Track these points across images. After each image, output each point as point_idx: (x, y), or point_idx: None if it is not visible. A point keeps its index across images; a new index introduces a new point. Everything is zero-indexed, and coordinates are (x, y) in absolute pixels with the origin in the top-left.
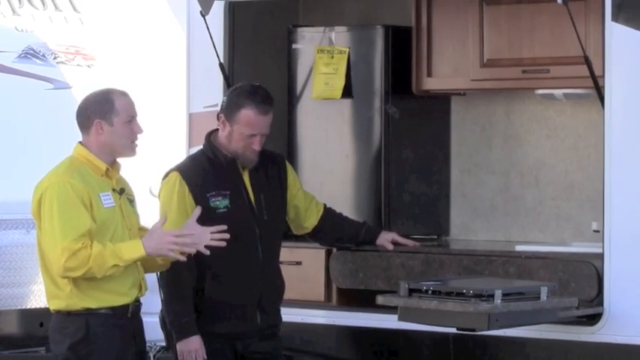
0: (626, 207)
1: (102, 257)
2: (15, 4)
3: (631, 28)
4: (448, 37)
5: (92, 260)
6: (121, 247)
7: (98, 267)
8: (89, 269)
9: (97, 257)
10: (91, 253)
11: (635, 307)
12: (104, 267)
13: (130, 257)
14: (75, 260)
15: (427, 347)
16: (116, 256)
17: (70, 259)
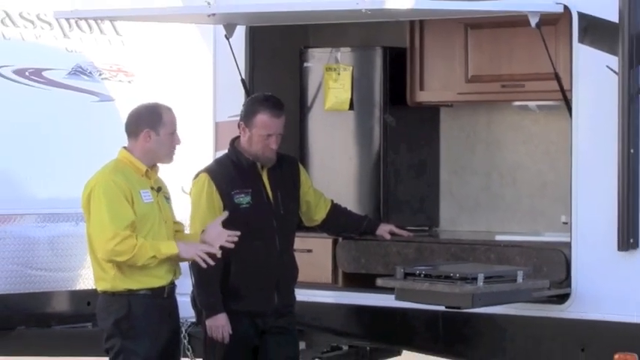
0: (590, 203)
1: (144, 248)
2: (65, 28)
3: (595, 48)
4: (438, 57)
5: (137, 249)
6: (160, 244)
7: (140, 256)
8: (133, 256)
9: (141, 247)
10: (137, 243)
11: (598, 289)
12: (144, 257)
13: (166, 253)
14: (124, 245)
15: (420, 323)
16: (156, 250)
17: (120, 243)
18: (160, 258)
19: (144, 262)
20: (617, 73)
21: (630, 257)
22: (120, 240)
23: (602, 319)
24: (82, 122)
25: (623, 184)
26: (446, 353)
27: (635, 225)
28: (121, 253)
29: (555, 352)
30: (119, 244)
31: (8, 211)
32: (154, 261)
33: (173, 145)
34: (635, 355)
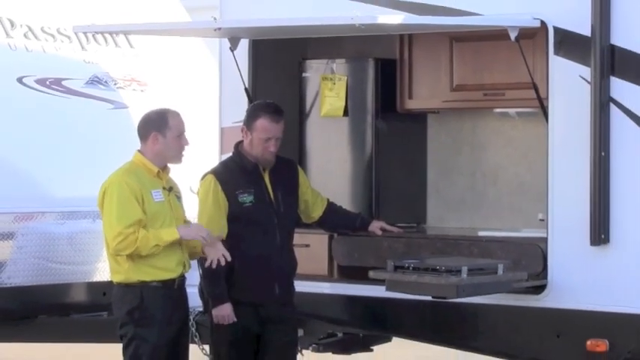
0: (565, 201)
1: (146, 239)
2: (83, 41)
3: (569, 60)
4: (425, 67)
5: (139, 241)
6: (161, 232)
7: (143, 246)
8: (135, 249)
9: (143, 239)
10: (137, 236)
11: (572, 280)
12: (148, 246)
13: (167, 239)
14: (125, 243)
15: (409, 312)
16: (157, 238)
17: (122, 242)
18: (163, 245)
19: (148, 252)
20: (590, 82)
21: (601, 251)
22: (122, 239)
23: (575, 308)
24: (98, 128)
25: (595, 185)
26: (432, 340)
27: (606, 222)
28: (124, 249)
29: (533, 338)
30: (121, 243)
31: (31, 210)
32: (158, 249)
33: (181, 146)
34: (605, 341)
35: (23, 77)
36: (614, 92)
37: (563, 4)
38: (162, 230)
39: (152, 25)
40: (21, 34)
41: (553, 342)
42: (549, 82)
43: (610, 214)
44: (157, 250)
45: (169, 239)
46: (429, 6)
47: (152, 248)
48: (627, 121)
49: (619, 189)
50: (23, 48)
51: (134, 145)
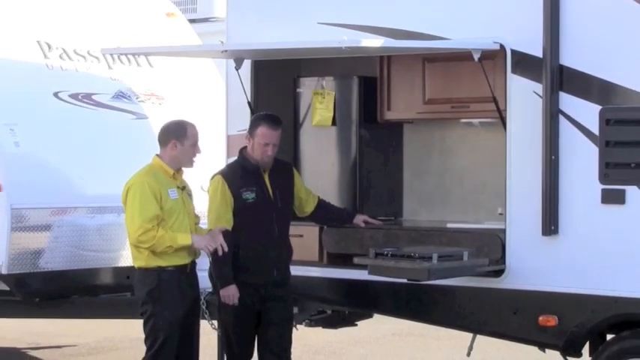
0: (521, 198)
1: (162, 239)
2: (110, 61)
3: (524, 78)
4: (401, 84)
5: (156, 239)
6: (177, 236)
7: (158, 245)
8: (152, 245)
9: (160, 238)
10: (156, 234)
11: (526, 265)
12: (162, 246)
13: (181, 243)
14: (145, 236)
15: (388, 293)
16: (172, 240)
17: (143, 234)
18: (176, 247)
19: (162, 250)
20: (542, 97)
21: (552, 241)
22: (143, 232)
23: (529, 289)
24: (122, 135)
25: (546, 184)
26: (408, 316)
27: (556, 215)
28: (143, 242)
29: (493, 314)
30: (142, 235)
31: (65, 205)
32: (170, 249)
33: (194, 154)
34: (555, 317)
35: (59, 92)
36: (563, 105)
37: (519, 30)
38: (179, 235)
39: (169, 47)
40: (57, 55)
41: (510, 318)
42: (507, 96)
43: (559, 209)
44: (170, 251)
45: (182, 244)
46: (405, 31)
47: (166, 248)
48: (574, 129)
49: (567, 187)
50: (59, 67)
51: (153, 150)
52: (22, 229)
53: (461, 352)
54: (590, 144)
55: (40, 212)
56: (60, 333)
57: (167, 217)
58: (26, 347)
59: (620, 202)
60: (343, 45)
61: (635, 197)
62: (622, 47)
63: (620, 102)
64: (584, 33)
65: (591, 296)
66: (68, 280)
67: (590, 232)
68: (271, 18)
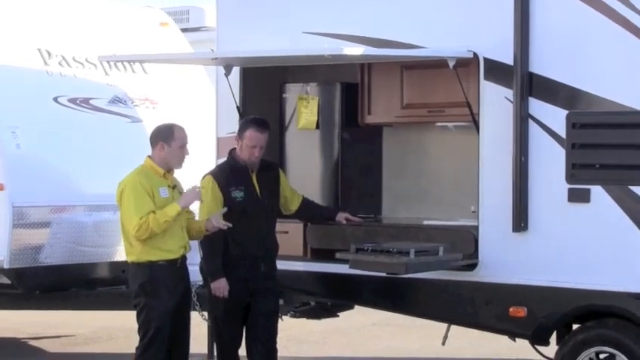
0: (492, 197)
1: (156, 220)
2: (107, 67)
3: (496, 84)
4: (381, 89)
5: (151, 224)
6: (165, 210)
7: (156, 227)
8: (151, 231)
9: (153, 221)
10: (148, 221)
11: (498, 259)
12: (159, 225)
13: (172, 213)
14: (141, 231)
15: (368, 285)
16: (164, 215)
17: (139, 231)
18: (171, 219)
19: (162, 228)
20: (512, 102)
21: (521, 236)
22: (138, 228)
23: (500, 282)
24: (118, 138)
25: (517, 183)
26: (386, 307)
27: (525, 213)
28: (142, 235)
29: (467, 305)
30: (139, 231)
31: (63, 203)
32: (169, 224)
33: (182, 155)
34: (524, 308)
35: (58, 97)
36: (532, 110)
37: (492, 39)
38: (166, 208)
39: (162, 55)
40: (56, 62)
41: (483, 309)
42: (480, 101)
43: (528, 207)
44: (169, 225)
45: (173, 213)
46: (384, 40)
47: (163, 224)
48: (542, 132)
49: (535, 187)
50: (58, 73)
51: (147, 151)
52: (23, 226)
53: (436, 341)
54: (557, 146)
55: (40, 210)
56: (59, 324)
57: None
58: (26, 337)
59: (586, 201)
60: (326, 53)
61: (599, 196)
62: (587, 55)
63: (585, 107)
64: (552, 42)
65: (558, 289)
66: (67, 273)
67: (557, 229)
68: (259, 27)
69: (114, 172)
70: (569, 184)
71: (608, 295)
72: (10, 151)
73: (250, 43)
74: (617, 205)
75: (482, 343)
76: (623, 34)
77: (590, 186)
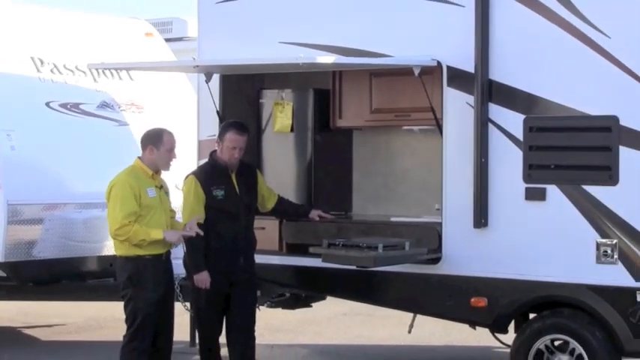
0: (455, 195)
1: (137, 233)
2: (95, 75)
3: (458, 90)
4: (351, 95)
5: (131, 233)
6: (151, 231)
7: (133, 238)
8: (127, 238)
9: (134, 232)
10: (132, 229)
11: (460, 254)
12: (136, 239)
13: (154, 237)
14: (122, 230)
15: (339, 278)
16: (146, 234)
17: (120, 229)
18: (149, 241)
19: (136, 243)
20: (473, 107)
21: (482, 232)
22: (120, 226)
23: (462, 275)
24: (106, 140)
25: (477, 183)
26: (356, 298)
27: (485, 210)
28: (120, 235)
29: (431, 297)
30: (119, 229)
31: (55, 201)
32: (144, 242)
33: (170, 158)
34: (485, 299)
35: (50, 102)
36: (492, 114)
37: (454, 49)
38: (152, 230)
39: (147, 63)
40: (48, 69)
41: (446, 300)
42: (443, 106)
43: (488, 205)
44: (143, 244)
45: (155, 238)
46: (355, 49)
47: (140, 241)
48: (501, 135)
49: (495, 186)
50: (50, 80)
51: (133, 153)
52: (17, 223)
53: (403, 330)
54: (515, 148)
55: (34, 207)
56: (51, 313)
57: (145, 213)
58: (21, 326)
59: (541, 199)
60: (300, 61)
61: (554, 194)
62: (542, 63)
63: (541, 112)
64: (510, 51)
65: (516, 281)
66: (58, 267)
67: (515, 225)
68: (237, 37)
69: (102, 172)
70: (526, 184)
71: (563, 287)
72: (6, 152)
73: (229, 52)
74: (571, 203)
75: (445, 331)
76: (575, 44)
77: (545, 185)
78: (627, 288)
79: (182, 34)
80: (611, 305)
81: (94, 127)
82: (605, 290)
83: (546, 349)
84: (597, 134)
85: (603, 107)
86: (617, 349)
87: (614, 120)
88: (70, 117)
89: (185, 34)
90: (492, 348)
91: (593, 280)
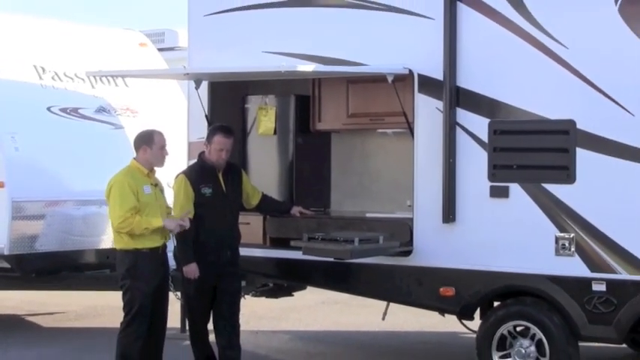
0: (425, 193)
1: (139, 223)
2: (93, 81)
3: (428, 96)
4: (329, 101)
5: (134, 224)
6: (151, 220)
7: (136, 228)
8: (131, 229)
9: (137, 223)
10: (133, 220)
11: (430, 247)
12: (139, 229)
13: (154, 226)
14: (124, 223)
15: (318, 269)
16: (147, 223)
17: (122, 223)
18: (151, 229)
19: (139, 232)
20: (442, 111)
21: (450, 227)
22: (122, 220)
23: (432, 266)
24: (103, 142)
25: (446, 181)
26: (334, 288)
27: (453, 207)
28: (123, 228)
29: (403, 286)
30: (121, 223)
31: (56, 198)
32: (147, 231)
33: (162, 156)
34: (453, 288)
35: (51, 107)
36: (459, 118)
37: (424, 58)
38: (153, 219)
39: (141, 71)
40: (49, 77)
41: (417, 289)
42: (415, 111)
43: (456, 202)
44: (147, 232)
45: (155, 226)
46: (333, 58)
47: (143, 230)
48: (467, 138)
49: (462, 184)
50: (51, 86)
51: (128, 154)
52: (21, 218)
53: (377, 317)
54: (480, 150)
55: (36, 204)
56: (52, 302)
57: (142, 208)
58: (24, 314)
59: (505, 196)
60: (282, 69)
61: (516, 192)
62: (506, 71)
63: (504, 116)
64: (475, 60)
65: (482, 271)
66: (59, 259)
67: (481, 220)
68: (224, 47)
69: (99, 171)
70: (491, 182)
71: (525, 277)
72: (10, 153)
73: (217, 61)
74: (532, 200)
75: (416, 318)
76: (535, 54)
77: (508, 184)
78: (583, 278)
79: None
80: (568, 294)
81: (92, 130)
82: (563, 280)
83: (509, 334)
84: (556, 137)
85: (561, 112)
86: (574, 334)
87: (571, 123)
88: (69, 120)
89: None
90: (459, 333)
91: (553, 271)
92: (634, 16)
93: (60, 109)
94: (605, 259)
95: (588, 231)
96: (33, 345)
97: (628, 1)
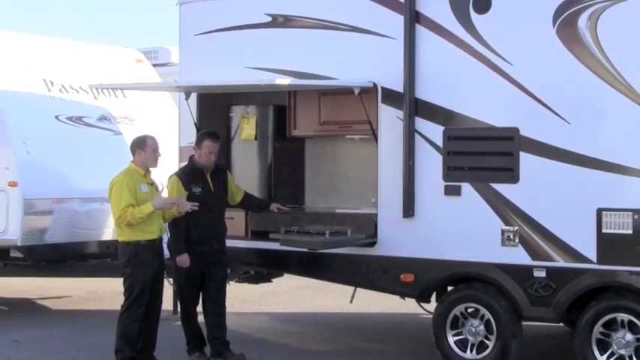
0: (388, 191)
1: (132, 214)
2: (95, 93)
3: (390, 107)
4: (304, 110)
5: (129, 215)
6: (142, 207)
7: (132, 219)
8: (128, 222)
9: (131, 214)
10: (127, 214)
11: (392, 238)
12: (134, 218)
13: (146, 211)
14: (121, 219)
15: (294, 258)
16: (140, 212)
17: (120, 218)
18: (145, 216)
19: (137, 222)
20: (402, 120)
21: (409, 221)
22: (120, 214)
23: (394, 255)
24: (104, 146)
25: (406, 181)
26: (308, 275)
27: (412, 203)
28: (122, 221)
29: (369, 273)
30: (119, 218)
31: (63, 196)
32: (143, 218)
33: (155, 157)
34: (412, 275)
35: (59, 116)
36: (417, 126)
37: (387, 73)
38: (143, 207)
39: (137, 84)
40: (57, 89)
41: (381, 276)
42: (378, 120)
43: (415, 199)
44: (143, 220)
45: (148, 211)
46: (307, 73)
47: (138, 219)
48: (425, 143)
49: (420, 184)
50: (59, 98)
51: (126, 157)
52: (32, 214)
53: (346, 300)
54: (436, 153)
55: (45, 201)
56: (59, 287)
57: (140, 204)
58: (35, 297)
59: (457, 194)
60: (262, 83)
61: (467, 191)
62: (458, 85)
63: (457, 124)
64: (432, 75)
65: (438, 260)
66: (65, 249)
67: (436, 215)
68: (211, 63)
69: (101, 172)
70: (445, 182)
71: (475, 265)
72: (22, 156)
73: (205, 75)
74: (481, 197)
75: (380, 301)
76: (484, 69)
77: (460, 183)
78: (526, 266)
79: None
80: (513, 279)
81: (95, 136)
82: (509, 268)
83: (461, 315)
84: (502, 142)
85: (506, 120)
86: (518, 314)
87: (515, 130)
88: (75, 128)
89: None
90: (418, 314)
91: (499, 259)
92: (569, 37)
93: (66, 118)
94: (545, 249)
95: (530, 224)
96: (44, 325)
97: (564, 24)
